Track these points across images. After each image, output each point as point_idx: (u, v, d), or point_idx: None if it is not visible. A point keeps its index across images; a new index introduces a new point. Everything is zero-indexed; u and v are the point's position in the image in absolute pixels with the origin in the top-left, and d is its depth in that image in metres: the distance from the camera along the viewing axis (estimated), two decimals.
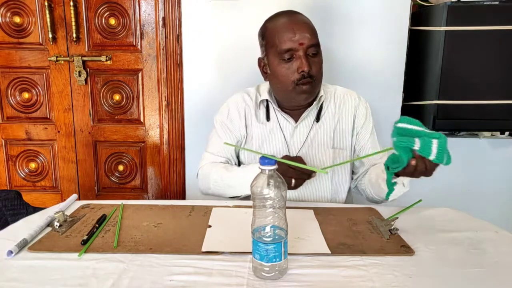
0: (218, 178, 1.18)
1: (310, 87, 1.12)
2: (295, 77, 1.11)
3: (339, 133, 1.23)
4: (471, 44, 1.56)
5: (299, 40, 1.09)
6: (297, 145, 1.22)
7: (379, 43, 1.71)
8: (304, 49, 1.09)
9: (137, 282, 0.71)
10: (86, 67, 1.87)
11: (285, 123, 1.22)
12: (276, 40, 1.11)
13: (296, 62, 1.10)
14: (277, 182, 0.72)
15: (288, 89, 1.13)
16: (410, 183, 1.10)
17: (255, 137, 1.23)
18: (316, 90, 1.16)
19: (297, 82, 1.11)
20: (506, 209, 1.86)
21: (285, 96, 1.17)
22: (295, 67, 1.10)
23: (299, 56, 1.10)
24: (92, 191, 2.01)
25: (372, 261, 0.79)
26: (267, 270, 0.72)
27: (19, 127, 1.94)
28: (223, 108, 1.28)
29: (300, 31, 1.09)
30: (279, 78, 1.14)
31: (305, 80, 1.10)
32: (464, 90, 1.61)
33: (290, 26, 1.10)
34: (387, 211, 1.04)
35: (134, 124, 1.94)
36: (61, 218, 0.93)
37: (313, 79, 1.11)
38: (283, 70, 1.12)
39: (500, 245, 0.87)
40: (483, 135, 1.81)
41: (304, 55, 1.09)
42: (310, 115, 1.22)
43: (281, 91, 1.17)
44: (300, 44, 1.09)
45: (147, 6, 1.81)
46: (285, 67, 1.11)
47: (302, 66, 1.09)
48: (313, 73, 1.11)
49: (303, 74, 1.10)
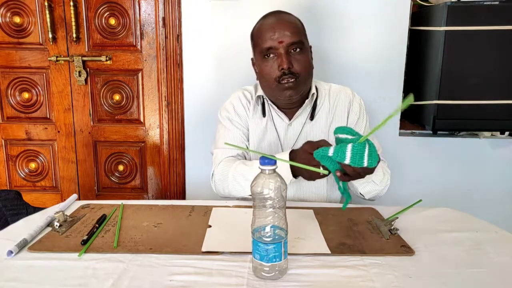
0: (236, 174, 1.12)
1: (293, 84, 1.13)
2: (276, 74, 1.13)
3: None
4: (471, 44, 1.56)
5: (279, 38, 1.11)
6: (290, 142, 1.22)
7: (379, 43, 1.71)
8: (284, 47, 1.11)
9: (137, 282, 0.71)
10: (86, 67, 1.87)
11: (279, 120, 1.23)
12: (259, 39, 1.15)
13: (277, 60, 1.12)
14: (277, 182, 0.72)
15: (272, 87, 1.16)
16: (386, 181, 1.12)
17: (252, 132, 1.24)
18: (300, 87, 1.16)
19: (278, 79, 1.13)
20: (506, 209, 1.86)
21: (271, 94, 1.19)
22: (276, 65, 1.13)
23: (279, 54, 1.12)
24: (92, 191, 2.01)
25: (372, 261, 0.79)
26: (267, 270, 0.72)
27: (19, 127, 1.94)
28: (227, 105, 1.27)
29: (280, 30, 1.12)
30: (264, 76, 1.16)
31: (287, 77, 1.12)
32: (464, 90, 1.61)
33: (271, 25, 1.13)
34: (387, 211, 1.04)
35: (134, 124, 1.94)
36: (61, 218, 0.93)
37: (296, 76, 1.13)
38: (267, 68, 1.15)
39: (500, 245, 0.87)
40: (483, 135, 1.81)
41: (285, 53, 1.11)
42: (304, 113, 1.23)
43: (267, 88, 1.19)
44: (279, 42, 1.11)
45: (147, 6, 1.81)
46: (268, 65, 1.14)
47: (281, 63, 1.11)
48: (296, 70, 1.12)
49: (283, 71, 1.12)
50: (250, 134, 1.25)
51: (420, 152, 1.83)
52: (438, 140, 1.82)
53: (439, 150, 1.83)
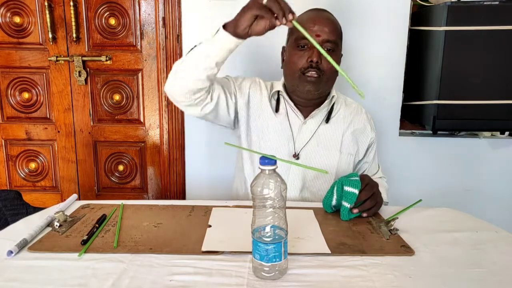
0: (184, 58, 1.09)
1: (315, 80, 1.13)
2: (303, 65, 1.13)
3: (347, 138, 1.23)
4: (471, 44, 1.56)
5: (317, 31, 1.12)
6: (303, 141, 1.21)
7: (379, 43, 1.71)
8: (319, 42, 1.09)
9: (137, 282, 0.71)
10: (86, 67, 1.87)
11: (294, 117, 1.22)
12: None
13: (309, 51, 1.12)
14: (277, 182, 0.72)
15: (295, 76, 1.15)
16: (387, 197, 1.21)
17: (265, 127, 1.22)
18: (321, 85, 1.15)
19: (303, 70, 1.13)
20: (506, 209, 1.86)
21: (292, 84, 1.18)
22: (306, 56, 1.12)
23: (312, 47, 1.11)
24: (92, 191, 2.01)
25: (372, 261, 0.79)
26: (267, 270, 0.72)
27: (19, 127, 1.94)
28: (254, 77, 1.28)
29: (320, 25, 1.12)
30: (290, 65, 1.16)
31: (312, 71, 1.12)
32: (464, 90, 1.61)
33: (313, 18, 1.14)
34: (387, 211, 1.04)
35: (134, 124, 1.94)
36: (61, 218, 0.93)
37: (321, 73, 1.12)
38: (295, 57, 1.14)
39: (500, 245, 0.87)
40: (483, 135, 1.81)
41: None
42: (319, 114, 1.22)
43: (289, 77, 1.19)
44: (316, 35, 1.11)
45: (147, 6, 1.81)
46: (298, 54, 1.14)
47: (312, 56, 1.11)
48: (323, 67, 1.12)
49: (311, 64, 1.11)
50: (262, 128, 1.22)
51: (420, 152, 1.83)
52: (438, 140, 1.82)
53: (439, 150, 1.83)
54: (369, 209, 0.99)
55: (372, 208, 1.00)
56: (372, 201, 1.00)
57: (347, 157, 1.23)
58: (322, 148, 1.21)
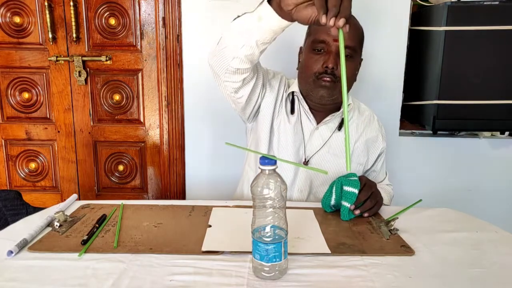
0: (227, 28, 0.97)
1: (329, 85, 1.10)
2: (318, 69, 1.10)
3: (359, 148, 1.22)
4: (471, 44, 1.56)
5: (335, 36, 1.08)
6: (314, 147, 1.19)
7: (379, 43, 1.71)
8: (336, 47, 1.06)
9: (137, 282, 0.71)
10: (86, 67, 1.87)
11: (306, 121, 1.20)
12: (316, 29, 1.10)
13: (325, 56, 1.09)
14: (277, 182, 0.72)
15: (309, 80, 1.12)
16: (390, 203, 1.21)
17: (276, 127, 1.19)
18: (335, 92, 1.12)
19: (318, 75, 1.10)
20: (506, 209, 1.86)
21: (306, 87, 1.16)
22: (322, 60, 1.09)
23: (329, 51, 1.09)
24: (92, 191, 2.01)
25: (372, 261, 0.79)
26: (267, 270, 0.72)
27: (19, 127, 1.94)
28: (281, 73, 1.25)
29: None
30: (304, 68, 1.13)
31: (327, 76, 1.09)
32: (464, 90, 1.61)
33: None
34: (387, 211, 1.04)
35: (134, 124, 1.94)
36: (61, 218, 0.93)
37: (336, 79, 1.09)
38: (311, 60, 1.11)
39: (500, 245, 0.87)
40: (483, 135, 1.81)
41: (335, 53, 1.07)
42: (333, 121, 1.19)
43: (303, 80, 1.16)
44: (334, 40, 1.06)
45: (147, 6, 1.81)
46: (314, 58, 1.11)
47: (327, 61, 1.08)
48: (339, 74, 1.08)
49: (326, 69, 1.08)
50: (279, 130, 1.19)
51: (420, 152, 1.83)
52: (438, 140, 1.82)
53: (439, 150, 1.83)
54: (370, 209, 0.99)
55: (373, 208, 1.00)
56: (372, 200, 1.00)
57: (356, 166, 1.21)
58: (332, 156, 1.19)
